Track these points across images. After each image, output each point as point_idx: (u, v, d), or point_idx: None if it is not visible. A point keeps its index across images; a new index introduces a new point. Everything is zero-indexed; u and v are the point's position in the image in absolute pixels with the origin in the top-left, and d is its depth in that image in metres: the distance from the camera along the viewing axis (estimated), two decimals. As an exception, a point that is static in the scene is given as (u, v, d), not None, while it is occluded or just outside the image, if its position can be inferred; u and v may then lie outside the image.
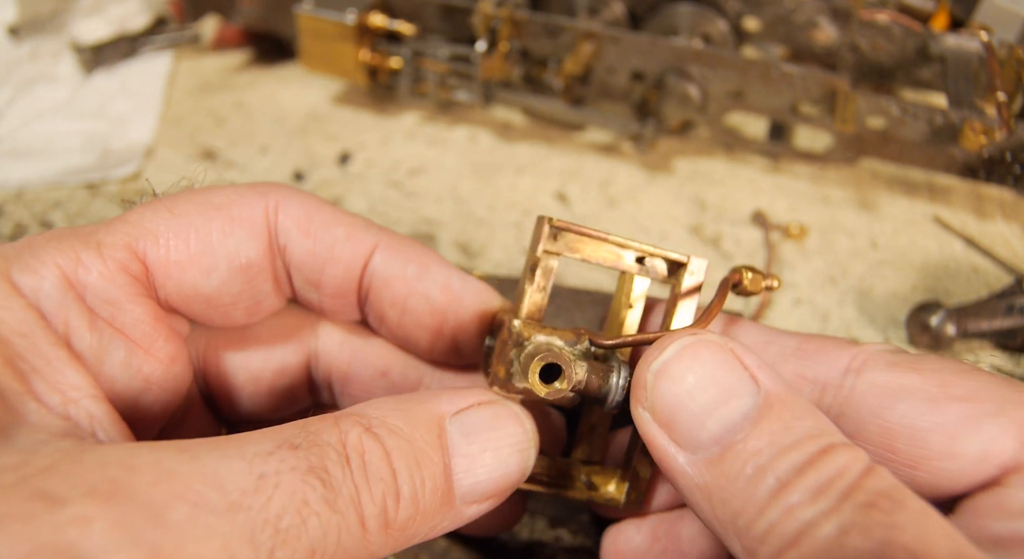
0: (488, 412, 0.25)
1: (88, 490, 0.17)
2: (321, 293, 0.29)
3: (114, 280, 0.24)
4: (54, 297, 0.23)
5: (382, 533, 0.21)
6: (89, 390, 0.22)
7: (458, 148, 0.61)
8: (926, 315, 0.44)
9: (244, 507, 0.18)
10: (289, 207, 0.27)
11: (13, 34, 0.70)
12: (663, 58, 0.55)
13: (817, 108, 0.54)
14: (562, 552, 0.36)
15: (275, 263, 0.28)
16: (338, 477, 0.20)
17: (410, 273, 0.28)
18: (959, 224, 0.54)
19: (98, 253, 0.24)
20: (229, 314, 0.28)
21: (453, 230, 0.53)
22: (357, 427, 0.22)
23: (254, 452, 0.20)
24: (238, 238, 0.26)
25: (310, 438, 0.21)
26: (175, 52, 0.71)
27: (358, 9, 0.58)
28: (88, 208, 0.54)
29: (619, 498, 0.28)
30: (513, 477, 0.25)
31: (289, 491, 0.19)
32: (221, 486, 0.18)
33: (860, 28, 0.57)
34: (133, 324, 0.25)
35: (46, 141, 0.60)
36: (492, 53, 0.57)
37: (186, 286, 0.26)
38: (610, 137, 0.62)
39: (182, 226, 0.26)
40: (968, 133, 0.49)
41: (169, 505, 0.18)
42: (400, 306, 0.29)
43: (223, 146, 0.60)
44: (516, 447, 0.25)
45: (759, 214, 0.54)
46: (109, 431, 0.22)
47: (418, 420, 0.23)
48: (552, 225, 0.27)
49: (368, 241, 0.28)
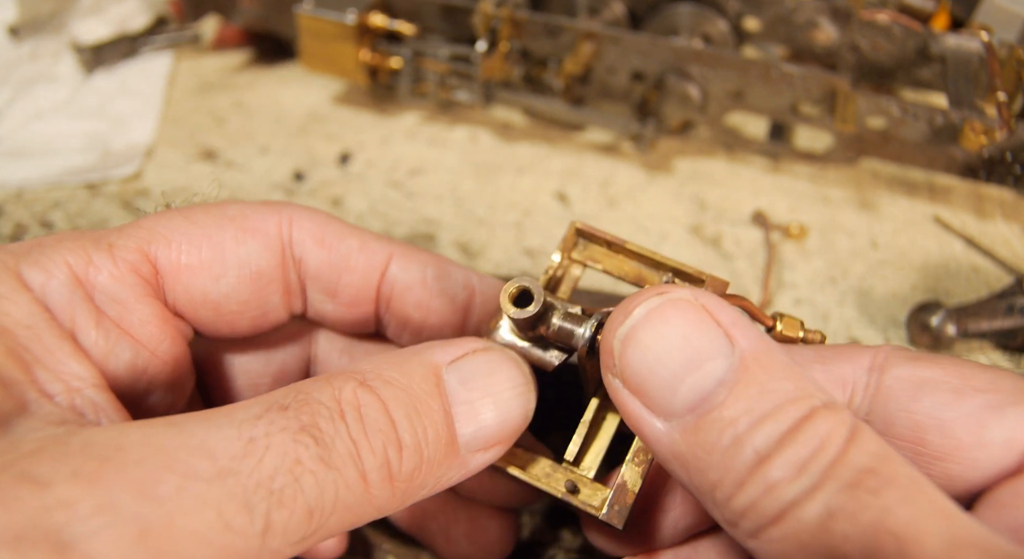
0: (484, 358, 0.24)
1: (72, 472, 0.17)
2: (337, 302, 0.29)
3: (124, 280, 0.25)
4: (62, 293, 0.23)
5: (386, 486, 0.21)
6: (92, 380, 0.22)
7: (458, 148, 0.61)
8: (926, 315, 0.44)
9: (234, 472, 0.18)
10: (302, 221, 0.28)
11: (13, 34, 0.70)
12: (663, 58, 0.55)
13: (817, 108, 0.54)
14: (562, 552, 0.36)
15: (287, 275, 0.28)
16: (331, 433, 0.20)
17: (430, 275, 0.29)
18: (959, 224, 0.54)
19: (109, 254, 0.25)
20: (235, 323, 0.28)
21: (453, 230, 0.53)
22: (351, 382, 0.22)
23: (242, 418, 0.19)
24: (250, 248, 0.27)
25: (300, 398, 0.21)
26: (175, 52, 0.71)
27: (358, 9, 0.58)
28: (88, 208, 0.54)
29: (600, 507, 0.26)
30: (516, 421, 0.24)
31: (280, 452, 0.19)
32: (211, 454, 0.18)
33: (860, 28, 0.57)
34: (140, 324, 0.25)
35: (46, 141, 0.60)
36: (492, 53, 0.57)
37: (195, 290, 0.26)
38: (610, 137, 0.62)
39: (195, 233, 0.26)
40: (968, 133, 0.49)
41: (157, 479, 0.17)
42: (425, 308, 0.29)
43: (223, 146, 0.60)
44: (515, 391, 0.24)
45: (759, 214, 0.54)
46: (113, 419, 0.22)
47: (414, 371, 0.23)
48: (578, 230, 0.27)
49: (383, 251, 0.29)
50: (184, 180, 0.57)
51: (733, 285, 0.50)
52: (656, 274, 0.28)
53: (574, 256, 0.28)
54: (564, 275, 0.28)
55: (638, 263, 0.28)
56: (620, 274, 0.28)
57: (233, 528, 0.18)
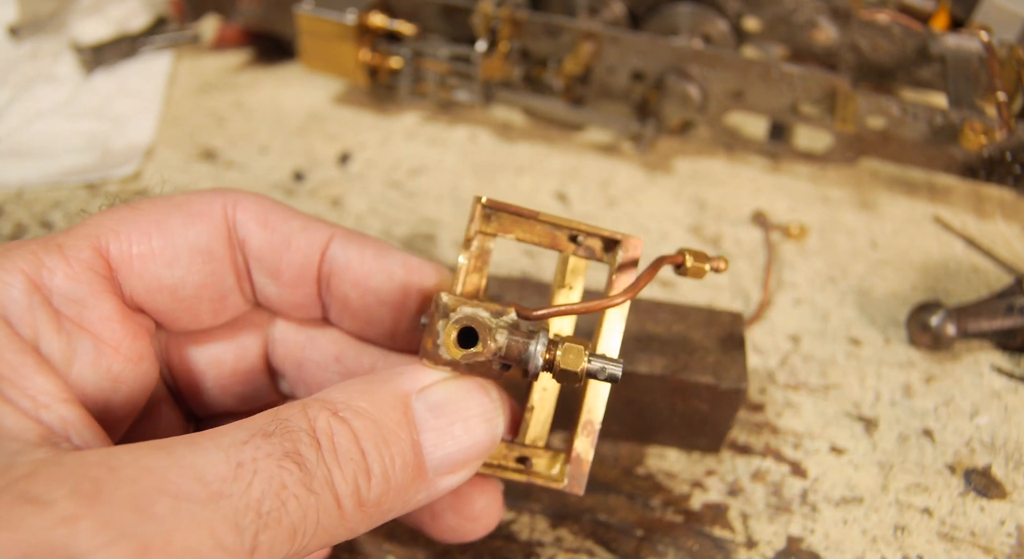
0: (452, 385, 0.25)
1: (71, 491, 0.17)
2: (280, 283, 0.29)
3: (79, 279, 0.25)
4: (21, 302, 0.23)
5: (357, 511, 0.22)
6: (59, 394, 0.22)
7: (458, 148, 0.61)
8: (926, 315, 0.44)
9: (226, 495, 0.19)
10: (246, 204, 0.29)
11: (13, 34, 0.70)
12: (663, 58, 0.55)
13: (817, 108, 0.54)
14: (562, 552, 0.36)
15: (235, 257, 0.29)
16: (312, 460, 0.21)
17: (369, 255, 0.29)
18: (959, 224, 0.54)
19: (61, 254, 0.25)
20: (195, 311, 0.28)
21: (453, 230, 0.53)
22: (324, 412, 0.23)
23: (229, 442, 0.20)
24: (198, 230, 0.27)
25: (282, 425, 0.21)
26: (175, 52, 0.71)
27: (358, 9, 0.58)
28: (88, 208, 0.54)
29: (560, 479, 0.28)
30: (483, 445, 0.25)
31: (267, 476, 0.20)
32: (201, 477, 0.19)
33: (860, 28, 0.57)
34: (101, 322, 0.25)
35: (46, 141, 0.60)
36: (492, 53, 0.57)
37: (149, 278, 0.27)
38: (610, 137, 0.62)
39: (143, 221, 0.27)
40: (968, 133, 0.49)
41: (152, 499, 0.18)
42: (362, 286, 0.30)
43: (223, 146, 0.60)
44: (484, 417, 0.25)
45: (759, 214, 0.54)
46: (83, 434, 0.22)
47: (383, 401, 0.24)
48: (484, 205, 0.28)
49: (324, 231, 0.29)
50: (184, 180, 0.57)
51: (733, 285, 0.50)
52: (568, 238, 0.29)
53: (486, 230, 0.29)
54: (480, 249, 0.29)
55: (550, 229, 0.29)
56: (534, 241, 0.29)
57: (225, 548, 0.19)
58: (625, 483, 0.38)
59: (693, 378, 0.36)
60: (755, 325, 0.47)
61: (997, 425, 0.41)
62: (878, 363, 0.45)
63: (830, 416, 0.42)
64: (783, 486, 0.38)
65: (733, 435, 0.41)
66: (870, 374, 0.44)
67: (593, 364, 0.26)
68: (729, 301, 0.49)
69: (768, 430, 0.41)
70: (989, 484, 0.39)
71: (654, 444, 0.40)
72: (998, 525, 0.37)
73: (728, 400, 0.36)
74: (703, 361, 0.36)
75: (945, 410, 0.42)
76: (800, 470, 0.39)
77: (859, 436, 0.41)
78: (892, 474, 0.39)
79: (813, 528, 0.37)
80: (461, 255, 0.28)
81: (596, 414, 0.28)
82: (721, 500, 0.38)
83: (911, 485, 0.39)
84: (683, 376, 0.36)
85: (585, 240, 0.29)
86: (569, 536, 0.36)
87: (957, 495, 0.38)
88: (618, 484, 0.38)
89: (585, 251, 0.29)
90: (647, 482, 0.39)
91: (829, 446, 0.40)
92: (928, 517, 0.37)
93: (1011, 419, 0.42)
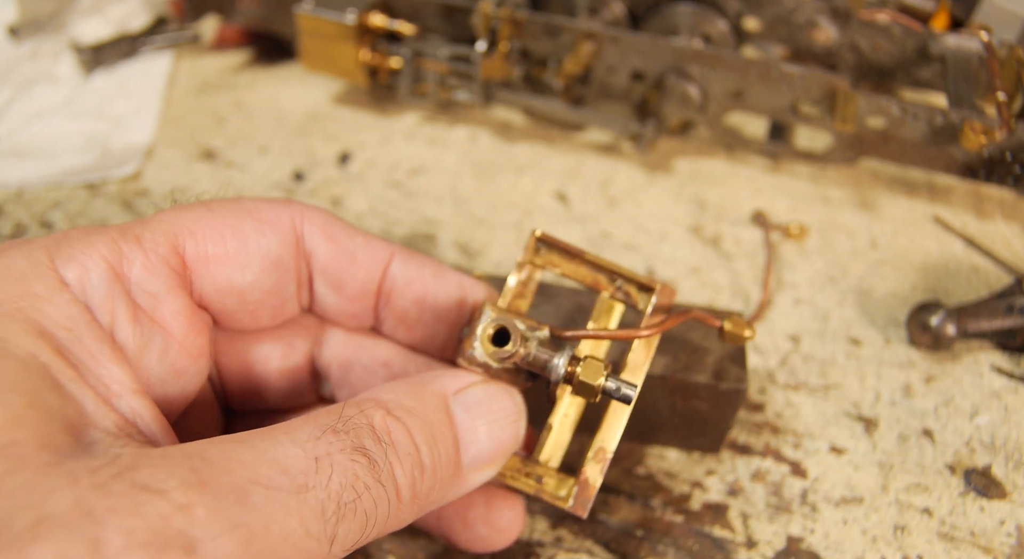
0: (484, 389, 0.28)
1: (181, 481, 0.18)
2: (342, 295, 0.31)
3: (156, 273, 0.25)
4: (102, 289, 0.24)
5: (412, 502, 0.24)
6: (131, 385, 0.23)
7: (458, 148, 0.61)
8: (926, 315, 0.44)
9: (310, 486, 0.20)
10: (313, 217, 0.30)
11: (13, 34, 0.70)
12: (663, 58, 0.55)
13: (817, 108, 0.54)
14: (562, 552, 0.36)
15: (300, 267, 0.30)
16: (378, 454, 0.23)
17: (428, 273, 0.31)
18: (959, 224, 0.54)
19: (139, 246, 0.25)
20: (256, 313, 0.29)
21: (453, 230, 0.53)
22: (380, 410, 0.24)
23: (305, 437, 0.22)
24: (270, 238, 0.28)
25: (347, 423, 0.23)
26: (175, 52, 0.71)
27: (358, 9, 0.58)
28: (88, 208, 0.54)
29: (567, 499, 0.29)
30: (509, 445, 0.28)
31: (343, 469, 0.21)
32: (286, 470, 0.20)
33: (860, 28, 0.57)
34: (172, 317, 0.26)
35: (46, 141, 0.60)
36: (492, 53, 0.57)
37: (221, 280, 0.27)
38: (610, 137, 0.62)
39: (218, 224, 0.27)
40: (968, 133, 0.49)
41: (249, 490, 0.19)
42: (421, 303, 0.31)
43: (223, 146, 0.60)
44: (509, 419, 0.28)
45: (759, 214, 0.54)
46: (151, 426, 0.23)
47: (428, 400, 0.26)
48: (538, 238, 0.30)
49: (385, 249, 0.31)
50: (184, 180, 0.57)
51: (733, 285, 0.50)
52: (608, 280, 0.31)
53: (536, 261, 0.31)
54: (528, 278, 0.31)
55: (593, 269, 0.31)
56: (577, 278, 0.31)
57: (312, 536, 0.20)
58: (625, 483, 0.38)
59: (693, 378, 0.36)
60: (755, 325, 0.47)
61: (997, 425, 0.41)
62: (878, 363, 0.45)
63: (830, 416, 0.42)
64: (783, 486, 0.38)
65: (733, 435, 0.41)
66: (870, 374, 0.44)
67: (610, 382, 0.28)
68: (729, 301, 0.49)
69: (768, 430, 0.41)
70: (989, 484, 0.39)
71: (654, 444, 0.40)
72: (998, 525, 0.37)
73: (728, 400, 0.36)
74: (703, 361, 0.36)
75: (945, 410, 0.42)
76: (800, 470, 0.39)
77: (859, 436, 0.41)
78: (892, 474, 0.39)
79: (813, 528, 0.37)
80: (511, 276, 0.31)
81: (611, 443, 0.29)
82: (721, 500, 0.38)
83: (911, 485, 0.39)
84: (683, 376, 0.36)
85: (623, 284, 0.31)
86: (569, 536, 0.36)
87: (957, 495, 0.38)
88: (618, 484, 0.38)
89: (622, 294, 0.31)
90: (647, 482, 0.39)
91: (829, 446, 0.40)
92: (928, 517, 0.37)
93: (1011, 419, 0.42)
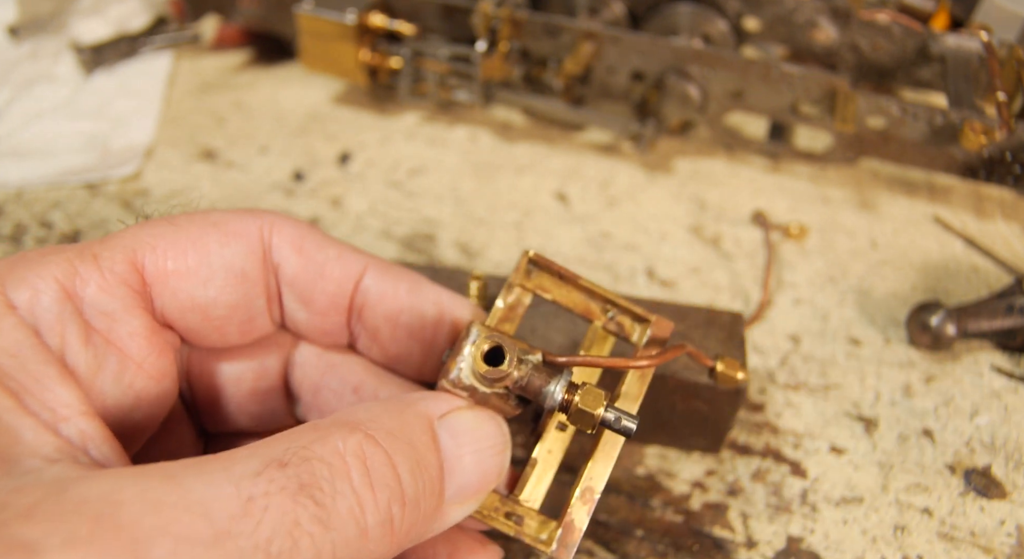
0: (470, 415, 0.25)
1: (67, 536, 0.17)
2: (311, 310, 0.29)
3: (112, 292, 0.24)
4: (52, 311, 0.23)
5: (386, 540, 0.21)
6: (79, 407, 0.22)
7: (458, 148, 0.61)
8: (926, 315, 0.44)
9: (233, 534, 0.18)
10: (283, 228, 0.28)
11: (13, 34, 0.70)
12: (663, 58, 0.55)
13: (817, 108, 0.54)
14: (562, 552, 0.36)
15: (268, 280, 0.28)
16: (331, 493, 0.20)
17: (403, 290, 0.29)
18: (959, 224, 0.54)
19: (96, 265, 0.24)
20: (224, 330, 0.28)
21: (453, 230, 0.53)
22: (356, 433, 0.21)
23: (241, 473, 0.19)
24: (234, 250, 0.27)
25: (300, 453, 0.20)
26: (175, 52, 0.71)
27: (358, 9, 0.58)
28: (88, 208, 0.54)
29: (549, 542, 0.27)
30: (492, 477, 0.25)
31: (279, 513, 0.19)
32: (208, 514, 0.18)
33: (860, 28, 0.57)
34: (129, 337, 0.25)
35: (46, 141, 0.60)
36: (492, 53, 0.57)
37: (183, 296, 0.26)
38: (610, 137, 0.62)
39: (180, 238, 0.26)
40: (968, 133, 0.49)
41: (152, 541, 0.17)
42: (394, 320, 0.29)
43: (223, 146, 0.60)
44: (495, 449, 0.25)
45: (759, 214, 0.54)
46: (101, 448, 0.21)
47: (412, 422, 0.23)
48: (531, 259, 0.28)
49: (359, 262, 0.29)
50: (184, 180, 0.57)
51: (733, 285, 0.50)
52: (602, 310, 0.29)
53: (527, 284, 0.29)
54: (517, 301, 0.29)
55: (587, 296, 0.29)
56: (568, 305, 0.29)
57: None
58: (625, 483, 0.38)
59: (693, 378, 0.36)
60: (755, 325, 0.47)
61: (997, 425, 0.41)
62: (878, 363, 0.45)
63: (830, 416, 0.42)
64: (783, 486, 0.38)
65: (733, 435, 0.41)
66: (870, 374, 0.44)
67: (610, 413, 0.25)
68: (729, 301, 0.49)
69: (768, 430, 0.41)
70: (989, 484, 0.39)
71: (654, 444, 0.40)
72: (998, 525, 0.37)
73: (728, 400, 0.36)
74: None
75: (945, 410, 0.42)
76: (800, 470, 0.39)
77: (859, 436, 0.41)
78: (892, 474, 0.39)
79: (813, 528, 0.37)
80: (499, 298, 0.28)
81: (598, 482, 0.27)
82: (721, 500, 0.38)
83: (911, 485, 0.39)
84: (683, 376, 0.36)
85: (616, 314, 0.29)
86: (569, 536, 0.36)
87: (957, 495, 0.38)
88: (618, 484, 0.38)
89: (614, 325, 0.29)
90: (647, 482, 0.39)
91: (829, 446, 0.40)
92: (928, 517, 0.37)
93: (1011, 419, 0.42)
